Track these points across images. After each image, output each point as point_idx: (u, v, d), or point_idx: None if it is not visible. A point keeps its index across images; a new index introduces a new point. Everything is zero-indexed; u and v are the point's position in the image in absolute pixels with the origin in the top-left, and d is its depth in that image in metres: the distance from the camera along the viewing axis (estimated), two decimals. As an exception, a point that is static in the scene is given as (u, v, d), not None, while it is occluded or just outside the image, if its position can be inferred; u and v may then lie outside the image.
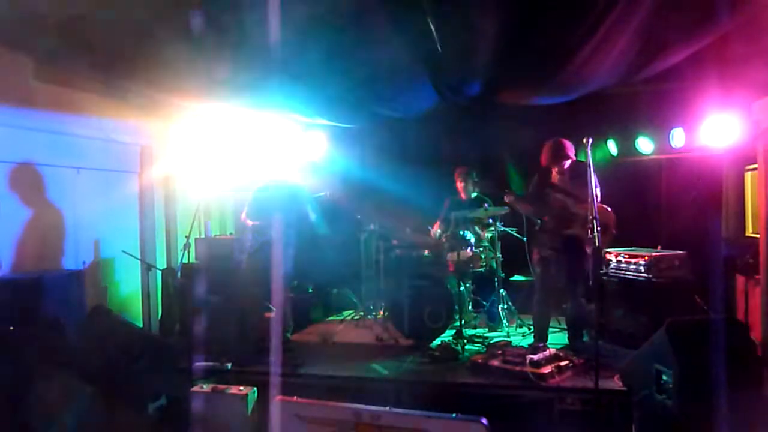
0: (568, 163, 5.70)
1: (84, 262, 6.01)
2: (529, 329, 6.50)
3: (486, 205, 6.70)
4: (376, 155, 7.91)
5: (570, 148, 5.69)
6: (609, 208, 5.60)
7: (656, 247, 6.26)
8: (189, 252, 6.58)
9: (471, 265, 6.66)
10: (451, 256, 6.53)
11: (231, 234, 8.17)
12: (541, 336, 5.80)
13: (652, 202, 7.36)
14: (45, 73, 5.46)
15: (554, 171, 5.77)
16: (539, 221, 5.85)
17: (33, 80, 5.42)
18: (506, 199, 5.80)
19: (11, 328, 4.60)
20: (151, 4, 3.99)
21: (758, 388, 4.26)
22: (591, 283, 5.39)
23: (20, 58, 5.26)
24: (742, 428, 3.76)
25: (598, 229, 4.50)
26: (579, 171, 5.59)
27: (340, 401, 3.13)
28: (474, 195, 7.00)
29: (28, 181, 5.48)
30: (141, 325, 6.61)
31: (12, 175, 5.30)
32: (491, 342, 5.98)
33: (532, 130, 6.91)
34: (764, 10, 4.16)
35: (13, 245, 5.27)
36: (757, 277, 5.65)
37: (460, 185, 7.05)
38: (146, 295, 6.84)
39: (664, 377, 4.16)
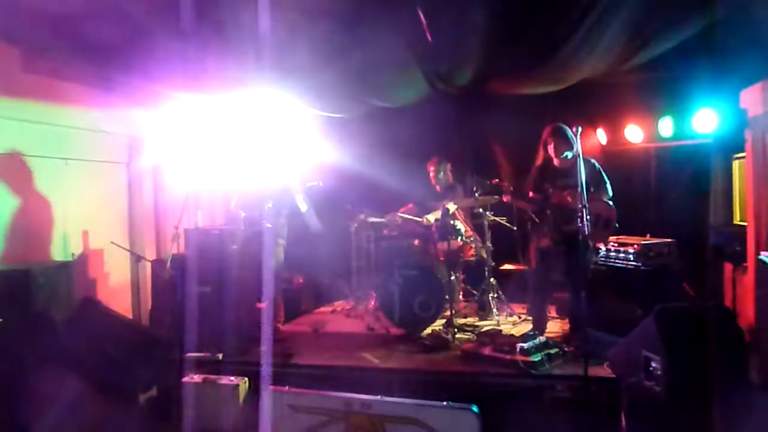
0: (570, 155, 5.43)
1: (73, 254, 5.97)
2: (519, 317, 6.55)
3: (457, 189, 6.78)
4: (367, 145, 7.89)
5: (574, 133, 5.13)
6: (611, 203, 5.58)
7: (645, 236, 6.30)
8: (179, 243, 6.56)
9: (461, 255, 6.68)
10: (442, 246, 6.54)
11: (221, 224, 8.15)
12: (539, 327, 5.74)
13: (641, 191, 7.40)
14: (33, 64, 5.40)
15: (557, 165, 5.60)
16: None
17: (21, 71, 5.36)
18: (505, 199, 5.76)
19: None
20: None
21: (745, 374, 4.31)
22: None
23: (8, 49, 5.20)
24: (729, 414, 3.80)
25: (592, 219, 4.52)
26: (586, 167, 5.47)
27: (332, 391, 3.15)
28: (447, 185, 7.02)
29: (15, 172, 5.43)
30: (131, 317, 6.58)
31: (-1, 167, 5.26)
32: (481, 331, 6.01)
33: (522, 119, 6.92)
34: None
35: (0, 237, 5.23)
36: (744, 264, 5.70)
37: (432, 176, 7.04)
38: (136, 287, 6.81)
39: (653, 364, 4.19)
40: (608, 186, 5.60)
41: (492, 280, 6.84)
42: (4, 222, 5.28)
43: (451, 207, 6.44)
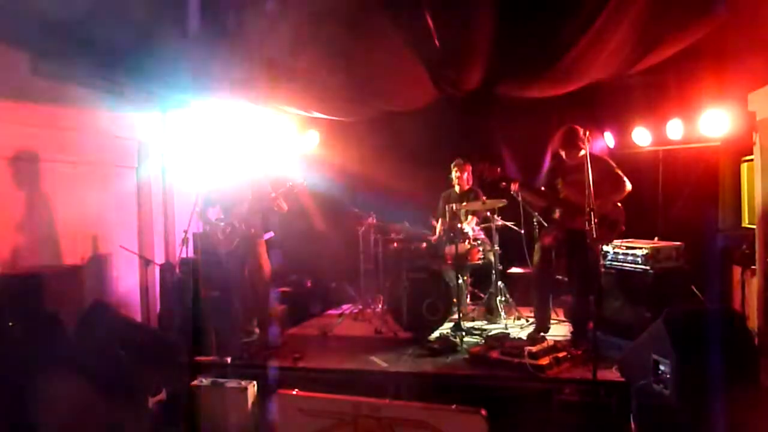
0: (582, 153, 5.31)
1: (82, 258, 6.00)
2: (527, 321, 6.53)
3: (479, 194, 6.74)
4: (374, 149, 7.90)
5: (583, 138, 5.21)
6: (620, 205, 5.60)
7: (653, 239, 6.28)
8: (187, 246, 6.58)
9: (469, 258, 6.68)
10: (449, 249, 6.54)
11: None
12: (542, 325, 5.79)
13: (649, 194, 7.37)
14: (42, 68, 5.43)
15: (569, 162, 5.57)
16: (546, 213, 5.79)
17: (30, 75, 5.39)
18: (513, 187, 5.65)
19: (10, 324, 4.61)
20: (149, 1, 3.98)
21: (755, 378, 4.28)
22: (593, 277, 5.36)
23: (17, 53, 5.24)
24: (739, 418, 3.78)
25: (595, 221, 4.51)
26: (597, 166, 5.41)
27: (340, 394, 3.15)
28: (468, 187, 7.03)
29: (24, 176, 5.46)
30: (140, 321, 6.60)
31: (8, 170, 5.28)
32: (489, 334, 6.00)
33: (530, 123, 6.92)
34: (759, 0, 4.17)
35: (10, 241, 5.26)
36: (753, 267, 5.67)
37: (455, 176, 7.05)
38: (145, 290, 6.84)
39: (662, 367, 4.18)
40: (625, 185, 5.55)
41: (500, 283, 6.83)
42: (13, 226, 5.31)
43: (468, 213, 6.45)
